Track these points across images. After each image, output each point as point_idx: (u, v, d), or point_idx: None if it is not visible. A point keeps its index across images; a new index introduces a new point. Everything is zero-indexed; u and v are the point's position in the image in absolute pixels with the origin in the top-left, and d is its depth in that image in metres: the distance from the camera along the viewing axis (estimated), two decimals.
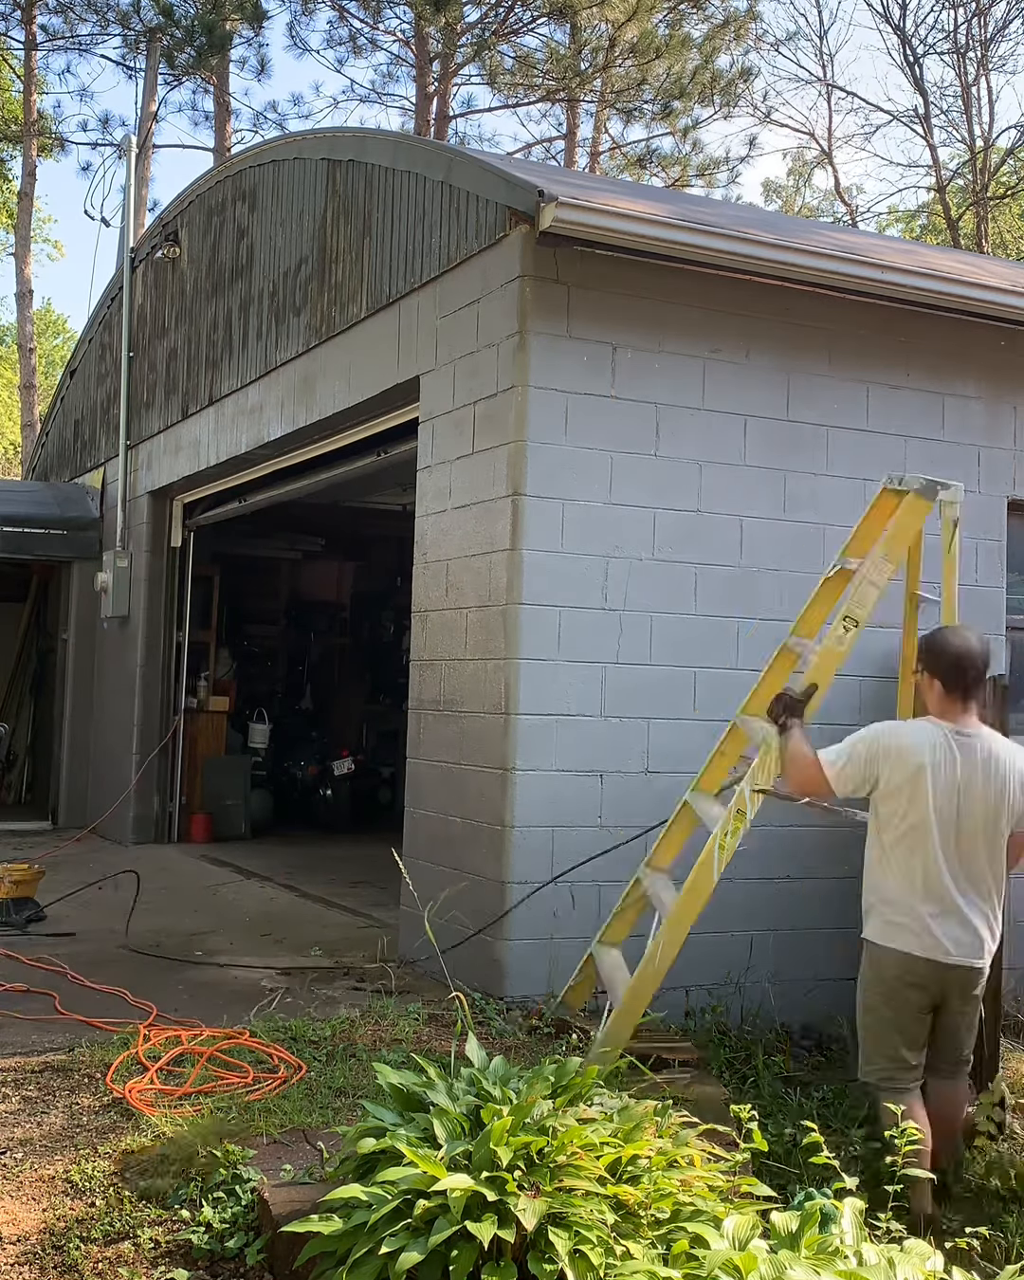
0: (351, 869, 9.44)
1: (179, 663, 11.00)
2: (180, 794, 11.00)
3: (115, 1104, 4.35)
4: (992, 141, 25.34)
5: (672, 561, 6.08)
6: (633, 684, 5.95)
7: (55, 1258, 3.45)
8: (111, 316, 12.27)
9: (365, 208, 7.49)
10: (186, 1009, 5.54)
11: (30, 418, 20.26)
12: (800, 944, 6.06)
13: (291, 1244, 3.30)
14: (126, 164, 12.58)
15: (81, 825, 11.39)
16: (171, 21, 18.87)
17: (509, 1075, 3.74)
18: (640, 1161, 3.32)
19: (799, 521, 6.35)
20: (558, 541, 5.85)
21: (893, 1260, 3.15)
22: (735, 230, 6.04)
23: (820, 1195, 3.52)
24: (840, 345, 6.52)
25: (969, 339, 6.81)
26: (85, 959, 6.51)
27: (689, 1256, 3.03)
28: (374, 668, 13.69)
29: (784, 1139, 4.47)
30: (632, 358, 6.04)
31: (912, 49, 24.68)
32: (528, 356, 5.83)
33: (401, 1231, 3.05)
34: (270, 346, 8.70)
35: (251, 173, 9.33)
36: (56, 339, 40.70)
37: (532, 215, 5.66)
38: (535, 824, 5.75)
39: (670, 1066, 4.78)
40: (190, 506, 10.93)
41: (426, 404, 6.65)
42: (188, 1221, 3.59)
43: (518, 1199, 3.06)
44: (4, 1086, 4.52)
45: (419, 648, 6.63)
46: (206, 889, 8.75)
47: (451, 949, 5.57)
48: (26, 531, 11.89)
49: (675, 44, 19.90)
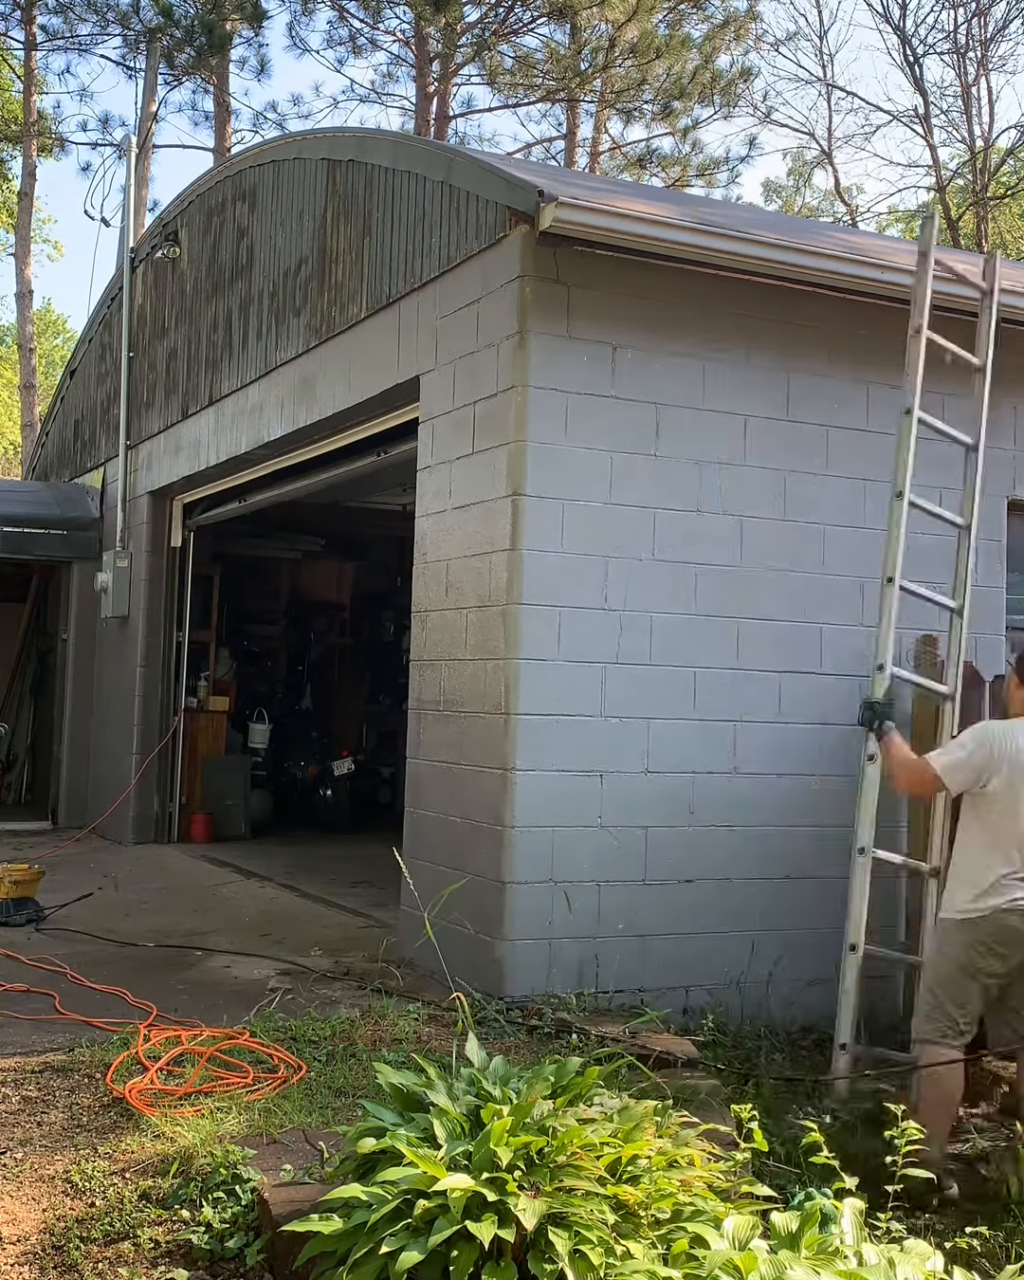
0: (351, 869, 9.44)
1: (179, 663, 11.00)
2: (180, 794, 11.00)
3: (115, 1104, 4.35)
4: (992, 141, 25.35)
5: (672, 561, 6.08)
6: (633, 684, 5.95)
7: (55, 1258, 3.45)
8: (111, 316, 12.28)
9: (365, 208, 7.49)
10: (186, 1009, 5.54)
11: (30, 418, 20.27)
12: (800, 944, 6.06)
13: (291, 1244, 3.30)
14: (126, 164, 12.58)
15: (81, 825, 11.39)
16: (171, 21, 18.86)
17: (509, 1075, 3.74)
18: (640, 1161, 3.32)
19: (799, 521, 6.35)
20: (558, 541, 5.85)
21: (893, 1260, 3.15)
22: (736, 230, 6.04)
23: (820, 1195, 3.52)
24: (840, 345, 6.52)
25: (970, 339, 6.79)
26: (85, 959, 6.51)
27: (689, 1256, 3.03)
28: (374, 668, 13.68)
29: (784, 1139, 4.46)
30: (632, 358, 6.04)
31: (912, 49, 24.67)
32: (528, 356, 5.83)
33: (402, 1231, 3.05)
34: (270, 346, 8.70)
35: (251, 173, 9.33)
36: (56, 339, 40.72)
37: (532, 215, 5.66)
38: (535, 824, 5.75)
39: (670, 1066, 4.78)
40: (190, 506, 10.93)
41: (426, 404, 6.65)
42: (188, 1221, 3.59)
43: (518, 1199, 3.05)
44: (4, 1086, 4.52)
45: (419, 648, 6.63)
46: (206, 889, 8.75)
47: (452, 949, 5.57)
48: (26, 531, 11.89)
49: (675, 44, 19.89)
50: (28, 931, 7.22)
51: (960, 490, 6.14)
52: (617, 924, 5.83)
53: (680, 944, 5.93)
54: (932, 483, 6.70)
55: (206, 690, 11.41)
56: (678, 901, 5.96)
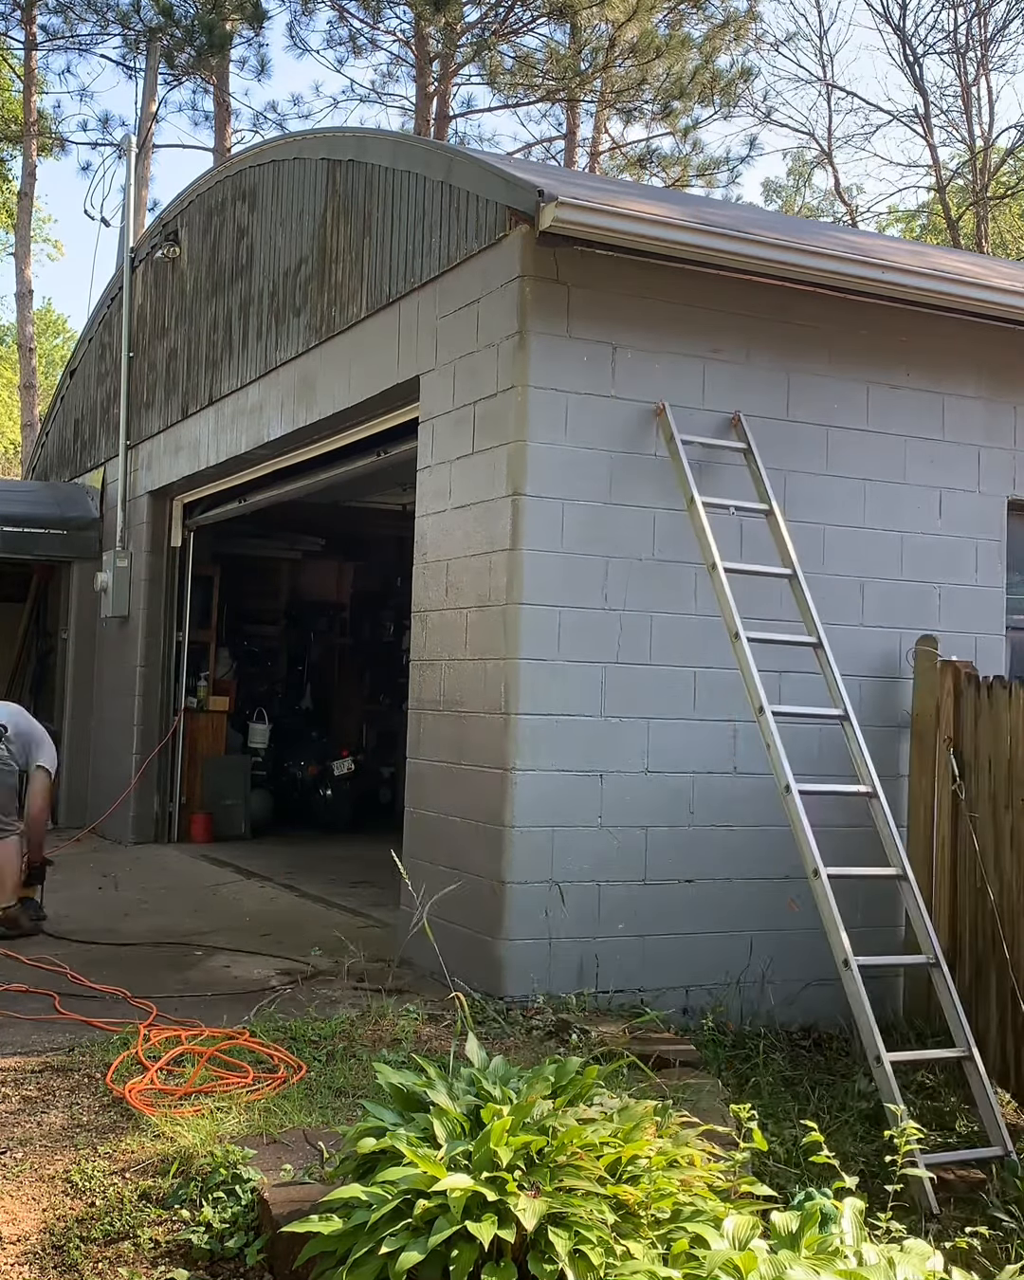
0: (351, 869, 9.44)
1: (179, 663, 11.00)
2: (180, 794, 10.99)
3: (115, 1104, 4.35)
4: (992, 141, 25.38)
5: (672, 561, 6.07)
6: (633, 684, 5.95)
7: (55, 1258, 3.45)
8: (111, 316, 12.27)
9: (365, 208, 7.49)
10: (186, 1009, 5.54)
11: (30, 418, 20.27)
12: (800, 944, 6.05)
13: (291, 1244, 3.30)
14: (126, 164, 12.57)
15: (81, 825, 11.38)
16: (171, 21, 18.86)
17: (509, 1075, 3.74)
18: (640, 1161, 3.32)
19: (799, 521, 6.35)
20: (558, 541, 5.85)
21: (893, 1260, 3.14)
22: (736, 230, 6.04)
23: (820, 1195, 3.53)
24: (840, 345, 6.52)
25: (970, 339, 6.81)
26: (85, 959, 6.51)
27: (689, 1256, 3.03)
28: (374, 668, 13.69)
29: (784, 1139, 4.46)
30: (631, 358, 6.04)
31: (912, 49, 24.71)
32: (528, 356, 5.83)
33: (402, 1231, 3.05)
34: (270, 346, 8.70)
35: (251, 173, 9.33)
36: (56, 339, 40.71)
37: (531, 215, 5.66)
38: (535, 824, 5.75)
39: (670, 1066, 4.78)
40: (190, 506, 10.93)
41: (426, 404, 6.65)
42: (188, 1221, 3.59)
43: (518, 1199, 3.06)
44: (4, 1086, 4.52)
45: (419, 648, 6.62)
46: (206, 889, 8.75)
47: (451, 949, 5.57)
48: (26, 531, 11.88)
49: (675, 44, 19.89)
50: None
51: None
52: (616, 924, 5.83)
53: (680, 944, 5.93)
54: (933, 483, 6.73)
55: (206, 690, 11.41)
56: (678, 901, 5.96)
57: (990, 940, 5.76)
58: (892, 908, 6.15)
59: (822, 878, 5.19)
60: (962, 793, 5.97)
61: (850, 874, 5.46)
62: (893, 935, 6.24)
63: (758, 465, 6.13)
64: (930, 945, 5.30)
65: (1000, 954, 5.68)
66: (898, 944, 6.17)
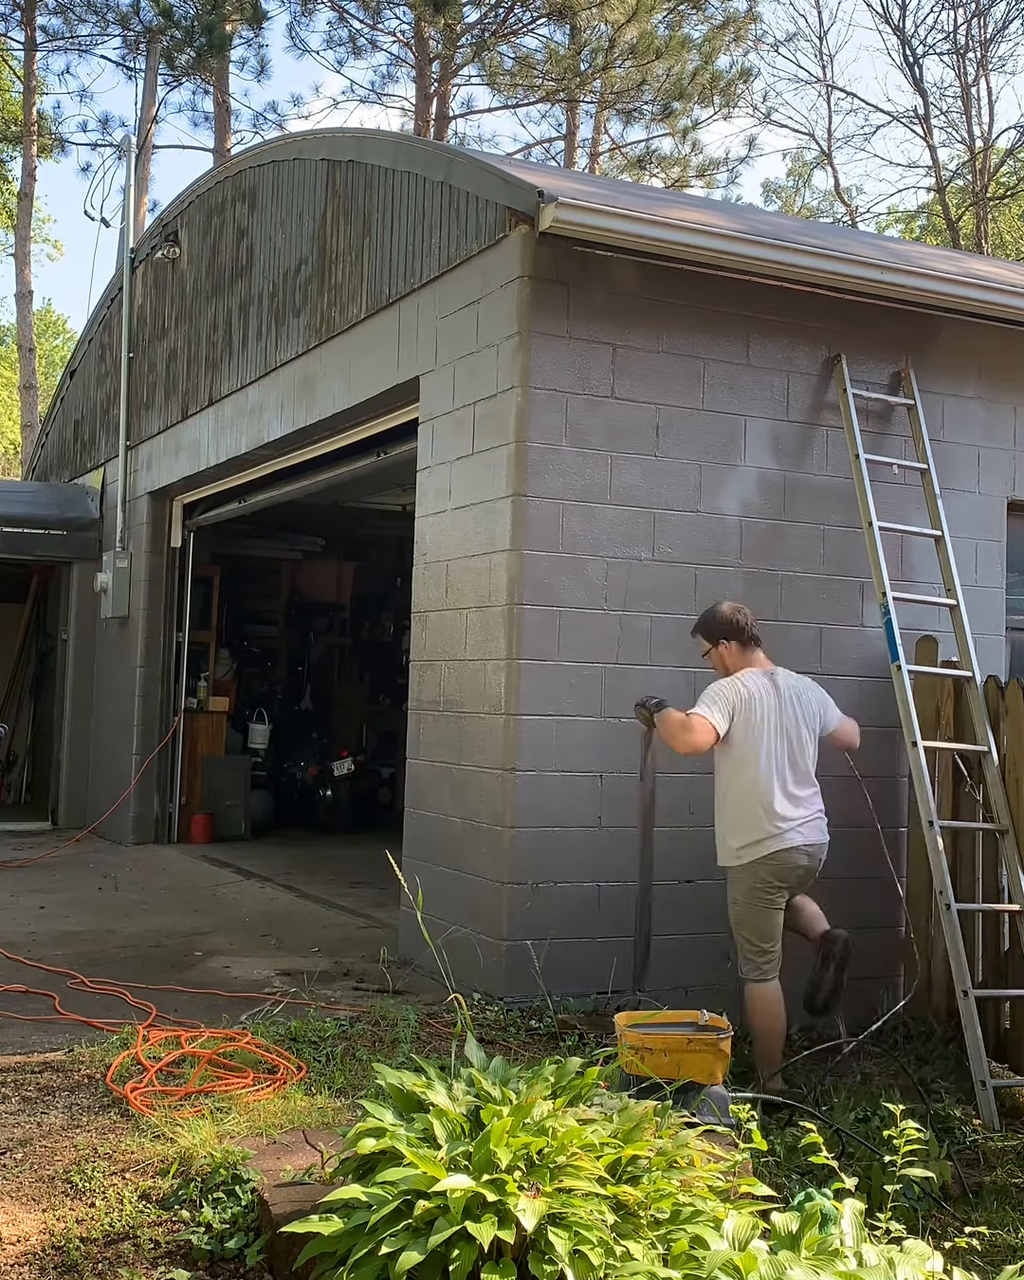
0: (351, 869, 9.45)
1: (179, 663, 11.00)
2: (180, 794, 11.00)
3: (115, 1104, 4.35)
4: (991, 142, 25.36)
5: (672, 562, 6.08)
6: (633, 684, 5.95)
7: (55, 1258, 3.44)
8: (111, 317, 12.28)
9: (365, 208, 7.49)
10: (186, 1009, 5.54)
11: (30, 418, 20.27)
12: (800, 943, 6.04)
13: (291, 1244, 3.30)
14: (126, 165, 12.58)
15: (81, 825, 11.39)
16: (171, 22, 18.87)
17: (509, 1076, 3.74)
18: (640, 1162, 3.32)
19: (799, 521, 6.35)
20: (558, 541, 5.85)
21: (893, 1260, 3.14)
22: (736, 231, 6.05)
23: (820, 1195, 3.52)
24: (838, 346, 6.52)
25: (970, 339, 6.81)
26: (85, 959, 6.52)
27: (689, 1257, 3.03)
28: (374, 668, 13.69)
29: (784, 1139, 4.46)
30: (632, 358, 6.04)
31: (911, 49, 24.70)
32: (528, 357, 5.83)
33: (402, 1232, 3.04)
34: (270, 347, 8.70)
35: (251, 173, 9.33)
36: (56, 339, 40.73)
37: (531, 215, 5.66)
38: (535, 824, 5.75)
39: None
40: (190, 507, 10.94)
41: (426, 404, 6.65)
42: (188, 1221, 3.59)
43: (518, 1199, 3.05)
44: (4, 1087, 4.52)
45: (419, 648, 6.63)
46: (206, 889, 8.75)
47: (451, 950, 5.57)
48: (26, 532, 11.88)
49: (675, 45, 19.90)
50: (28, 931, 7.22)
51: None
52: (617, 925, 5.83)
53: (680, 944, 5.92)
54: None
55: (206, 690, 11.41)
56: (678, 901, 5.95)
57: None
58: (890, 905, 6.15)
59: (952, 911, 5.45)
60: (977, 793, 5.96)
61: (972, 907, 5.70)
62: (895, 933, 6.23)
63: (921, 424, 6.47)
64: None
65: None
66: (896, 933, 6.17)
